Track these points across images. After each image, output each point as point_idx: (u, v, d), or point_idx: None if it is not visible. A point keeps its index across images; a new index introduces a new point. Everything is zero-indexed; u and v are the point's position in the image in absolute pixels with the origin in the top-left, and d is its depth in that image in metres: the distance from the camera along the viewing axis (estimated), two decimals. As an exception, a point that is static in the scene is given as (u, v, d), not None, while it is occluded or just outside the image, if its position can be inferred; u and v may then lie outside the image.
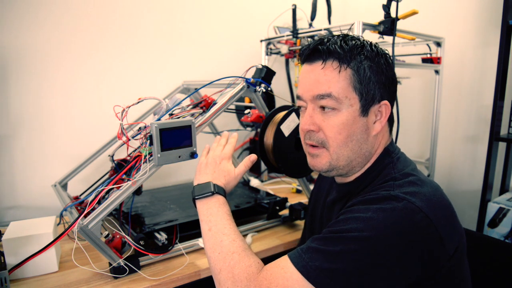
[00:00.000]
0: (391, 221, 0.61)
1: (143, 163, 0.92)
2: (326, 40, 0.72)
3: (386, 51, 0.76)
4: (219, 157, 0.91)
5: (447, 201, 0.69)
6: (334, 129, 0.71)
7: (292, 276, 0.62)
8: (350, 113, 0.71)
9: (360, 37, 0.76)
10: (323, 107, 0.72)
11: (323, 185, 0.97)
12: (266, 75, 1.09)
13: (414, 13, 1.37)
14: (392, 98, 0.76)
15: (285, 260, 0.66)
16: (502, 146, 1.58)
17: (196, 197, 0.83)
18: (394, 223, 0.61)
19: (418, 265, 0.62)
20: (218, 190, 0.84)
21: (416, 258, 0.62)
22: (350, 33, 0.80)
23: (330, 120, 0.72)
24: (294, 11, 1.73)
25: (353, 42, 0.72)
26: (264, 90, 1.10)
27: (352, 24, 1.32)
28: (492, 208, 1.44)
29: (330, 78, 0.70)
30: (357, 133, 0.72)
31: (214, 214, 0.79)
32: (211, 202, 0.82)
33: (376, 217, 0.62)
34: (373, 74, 0.71)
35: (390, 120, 0.79)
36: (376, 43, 0.76)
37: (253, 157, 0.93)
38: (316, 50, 0.72)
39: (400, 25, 1.36)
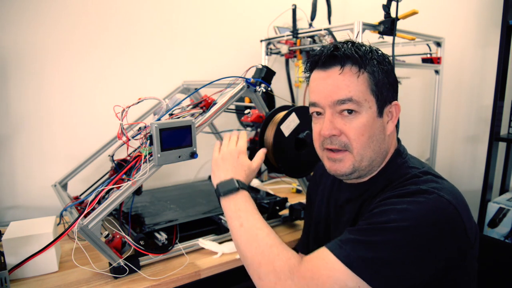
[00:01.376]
0: (425, 212, 0.64)
1: (143, 163, 0.92)
2: (339, 46, 0.74)
3: (386, 54, 0.79)
4: (236, 151, 0.94)
5: (464, 197, 0.72)
6: (357, 131, 0.73)
7: (335, 266, 0.63)
8: (369, 115, 0.73)
9: (363, 42, 0.78)
10: (342, 111, 0.74)
11: (325, 184, 0.96)
12: (266, 75, 1.09)
13: (414, 13, 1.37)
14: (396, 98, 0.79)
15: (325, 251, 0.66)
16: (502, 146, 1.58)
17: (222, 195, 0.84)
18: (428, 214, 0.64)
19: (453, 251, 0.65)
20: (242, 186, 0.85)
21: (448, 246, 0.65)
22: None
23: (352, 123, 0.73)
24: (294, 11, 1.73)
25: (363, 47, 0.75)
26: (264, 90, 1.10)
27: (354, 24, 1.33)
28: (492, 208, 1.44)
29: (349, 83, 0.72)
30: (376, 134, 0.75)
31: (243, 210, 0.81)
32: (237, 198, 0.83)
33: (412, 208, 0.64)
34: (385, 76, 0.75)
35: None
36: (377, 48, 0.79)
37: (264, 149, 1.01)
38: (333, 56, 0.73)
39: (400, 25, 1.36)
